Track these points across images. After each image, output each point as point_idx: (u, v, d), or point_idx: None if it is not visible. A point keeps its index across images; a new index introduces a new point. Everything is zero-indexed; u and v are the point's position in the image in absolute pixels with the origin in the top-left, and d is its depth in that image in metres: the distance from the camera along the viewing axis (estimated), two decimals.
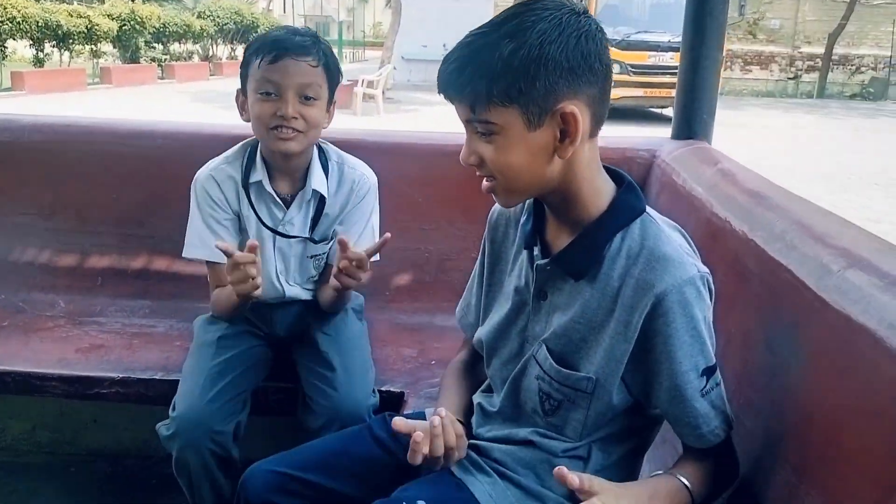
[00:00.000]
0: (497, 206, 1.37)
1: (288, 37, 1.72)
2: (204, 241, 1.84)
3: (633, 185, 1.19)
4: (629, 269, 1.13)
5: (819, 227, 1.27)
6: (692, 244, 1.20)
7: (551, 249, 1.22)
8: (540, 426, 1.26)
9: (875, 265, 1.04)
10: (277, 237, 1.88)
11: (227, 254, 1.57)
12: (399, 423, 1.20)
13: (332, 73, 1.78)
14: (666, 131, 2.50)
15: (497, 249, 1.36)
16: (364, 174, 1.94)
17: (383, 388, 1.89)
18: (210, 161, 1.91)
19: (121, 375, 1.97)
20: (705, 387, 1.12)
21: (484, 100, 1.07)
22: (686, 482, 1.13)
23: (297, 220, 1.88)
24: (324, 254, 1.94)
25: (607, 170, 1.20)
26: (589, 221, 1.16)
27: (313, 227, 1.89)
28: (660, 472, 1.17)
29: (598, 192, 1.17)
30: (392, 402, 1.89)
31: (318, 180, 1.86)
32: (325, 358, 1.83)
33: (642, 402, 1.20)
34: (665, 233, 1.15)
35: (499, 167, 1.12)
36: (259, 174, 1.82)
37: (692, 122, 2.36)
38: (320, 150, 1.91)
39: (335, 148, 1.96)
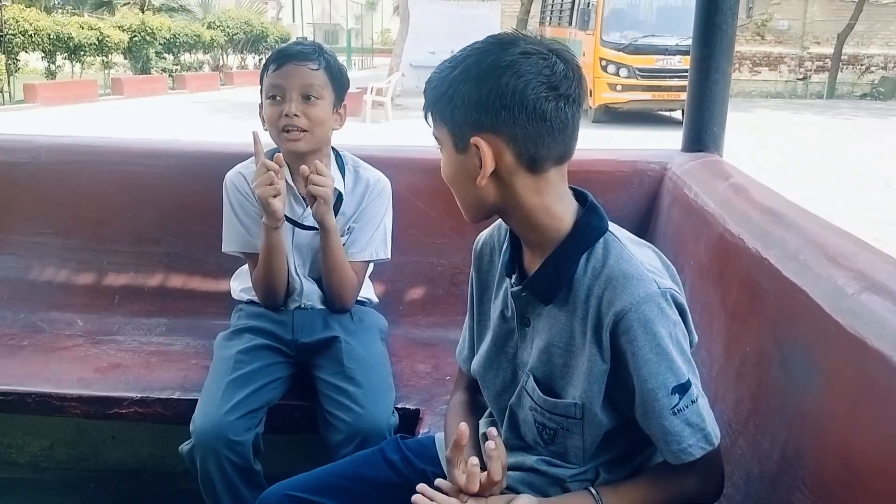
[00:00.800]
0: (481, 236, 1.39)
1: (291, 46, 1.93)
2: (238, 235, 2.00)
3: (595, 205, 1.20)
4: (593, 290, 1.14)
5: (833, 248, 1.28)
6: (663, 260, 1.20)
7: (527, 275, 1.23)
8: (544, 454, 1.27)
9: (890, 289, 1.05)
10: (296, 233, 1.99)
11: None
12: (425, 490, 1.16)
13: (336, 77, 1.93)
14: (674, 134, 2.49)
15: (483, 278, 1.37)
16: (379, 176, 2.08)
17: (399, 406, 1.89)
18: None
19: (139, 395, 1.98)
20: (677, 405, 1.10)
21: (429, 117, 1.18)
22: (595, 493, 1.15)
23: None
24: None
25: (573, 190, 1.21)
26: (554, 246, 1.18)
27: None
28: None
29: (556, 218, 1.17)
30: (408, 420, 1.89)
31: (335, 179, 1.93)
32: (348, 374, 1.85)
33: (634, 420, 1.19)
34: (627, 250, 1.15)
35: (445, 179, 1.21)
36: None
37: (702, 134, 2.35)
38: (337, 154, 2.04)
39: (351, 154, 2.09)
